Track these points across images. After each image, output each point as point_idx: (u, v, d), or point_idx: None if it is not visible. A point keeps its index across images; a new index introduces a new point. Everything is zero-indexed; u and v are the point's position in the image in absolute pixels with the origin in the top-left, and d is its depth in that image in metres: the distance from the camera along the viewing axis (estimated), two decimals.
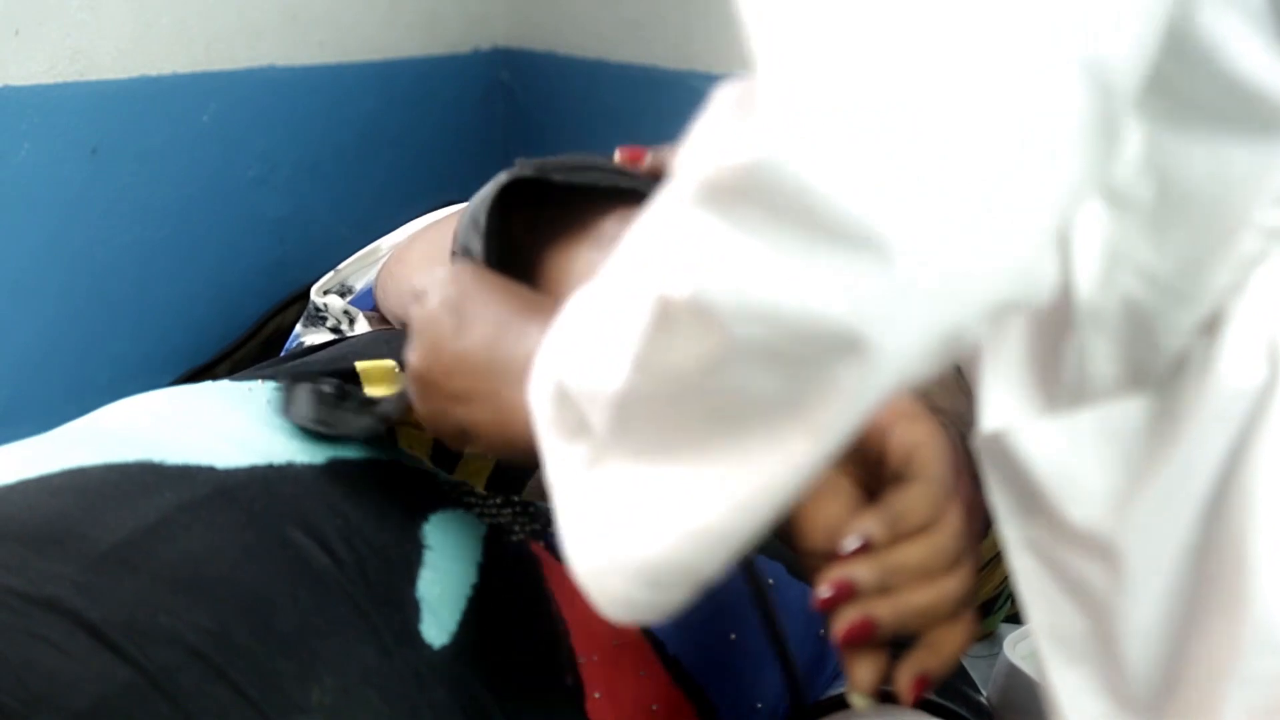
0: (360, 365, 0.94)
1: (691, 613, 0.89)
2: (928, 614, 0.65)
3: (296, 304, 1.51)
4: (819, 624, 0.97)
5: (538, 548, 0.89)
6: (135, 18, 1.38)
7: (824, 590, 0.64)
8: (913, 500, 0.66)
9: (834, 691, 0.97)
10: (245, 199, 1.50)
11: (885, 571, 0.64)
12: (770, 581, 0.96)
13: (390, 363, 0.94)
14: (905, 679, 0.66)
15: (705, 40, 1.70)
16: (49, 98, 1.32)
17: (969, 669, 1.03)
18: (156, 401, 0.93)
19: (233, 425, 0.89)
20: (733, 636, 0.93)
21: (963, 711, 0.94)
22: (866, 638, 0.64)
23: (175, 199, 1.44)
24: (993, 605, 1.19)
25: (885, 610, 0.64)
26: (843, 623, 0.64)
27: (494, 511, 0.90)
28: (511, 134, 1.85)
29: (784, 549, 0.96)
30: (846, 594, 0.64)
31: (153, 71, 1.41)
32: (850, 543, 0.64)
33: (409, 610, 0.81)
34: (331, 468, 0.87)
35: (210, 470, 0.84)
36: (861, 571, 0.64)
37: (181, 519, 0.81)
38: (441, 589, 0.83)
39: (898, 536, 0.65)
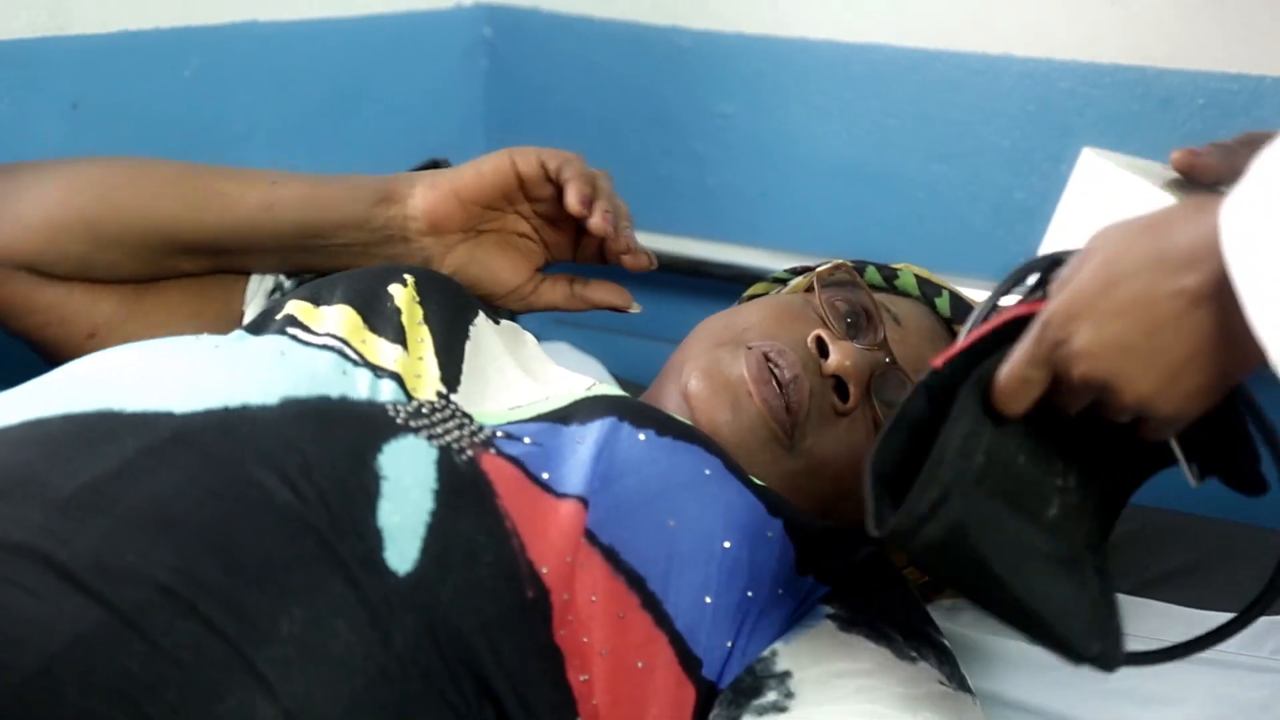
0: None
1: (624, 498, 0.91)
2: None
3: None
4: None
5: (489, 460, 0.90)
6: None
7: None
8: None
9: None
10: (228, 155, 1.50)
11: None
12: None
13: None
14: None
15: None
16: (28, 52, 1.31)
17: None
18: (110, 355, 0.95)
19: (186, 371, 0.91)
20: (671, 523, 0.91)
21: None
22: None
23: (156, 155, 1.44)
24: None
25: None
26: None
27: (441, 430, 0.91)
28: (494, 90, 1.85)
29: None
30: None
31: (134, 26, 1.41)
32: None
33: (372, 540, 0.82)
34: (284, 407, 0.88)
35: (169, 415, 0.85)
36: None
37: (144, 463, 0.82)
38: (401, 518, 0.84)
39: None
